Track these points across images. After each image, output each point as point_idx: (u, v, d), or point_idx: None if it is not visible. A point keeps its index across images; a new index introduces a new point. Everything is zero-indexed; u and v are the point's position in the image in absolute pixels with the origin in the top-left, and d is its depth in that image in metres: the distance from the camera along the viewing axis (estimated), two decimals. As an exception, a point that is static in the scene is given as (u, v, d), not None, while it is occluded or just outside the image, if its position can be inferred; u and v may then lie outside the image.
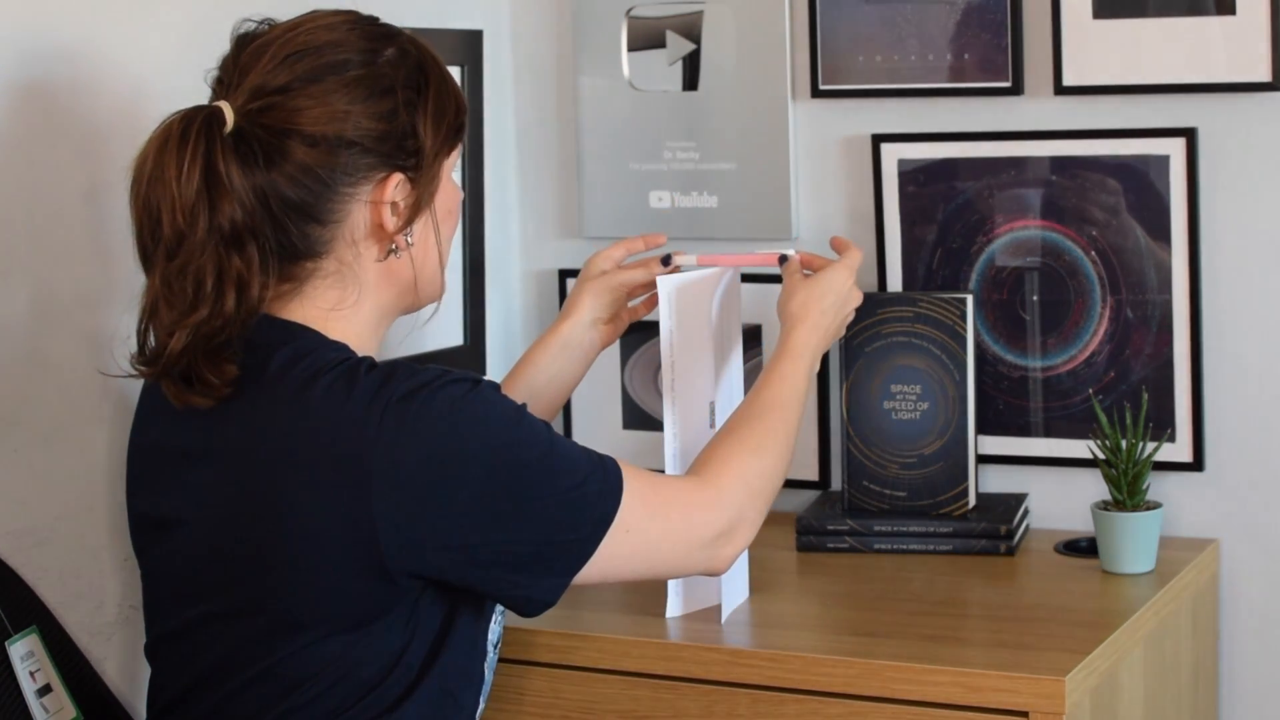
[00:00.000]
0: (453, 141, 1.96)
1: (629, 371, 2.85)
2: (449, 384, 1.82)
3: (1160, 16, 2.50)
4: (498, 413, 1.84)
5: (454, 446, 1.79)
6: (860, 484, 2.59)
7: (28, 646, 2.03)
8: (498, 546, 1.83)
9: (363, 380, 1.81)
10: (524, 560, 1.85)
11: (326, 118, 1.85)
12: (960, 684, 2.07)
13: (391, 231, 1.90)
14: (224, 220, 1.81)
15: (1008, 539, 2.50)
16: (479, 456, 1.80)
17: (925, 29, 2.63)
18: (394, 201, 1.90)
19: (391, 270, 1.93)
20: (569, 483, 1.86)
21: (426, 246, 1.95)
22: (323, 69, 1.86)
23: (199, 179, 1.80)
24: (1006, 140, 2.61)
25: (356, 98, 1.86)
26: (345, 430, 1.79)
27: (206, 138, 1.81)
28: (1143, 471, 2.41)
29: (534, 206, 2.92)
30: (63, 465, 2.13)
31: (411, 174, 1.90)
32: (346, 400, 1.80)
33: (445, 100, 1.94)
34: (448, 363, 2.75)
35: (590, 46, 2.83)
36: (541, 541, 1.85)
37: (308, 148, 1.84)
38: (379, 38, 1.91)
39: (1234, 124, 2.50)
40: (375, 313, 1.94)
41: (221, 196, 1.81)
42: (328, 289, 1.90)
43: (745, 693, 2.17)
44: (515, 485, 1.82)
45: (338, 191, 1.86)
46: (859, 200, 2.71)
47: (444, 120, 1.93)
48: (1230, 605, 2.57)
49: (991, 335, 2.64)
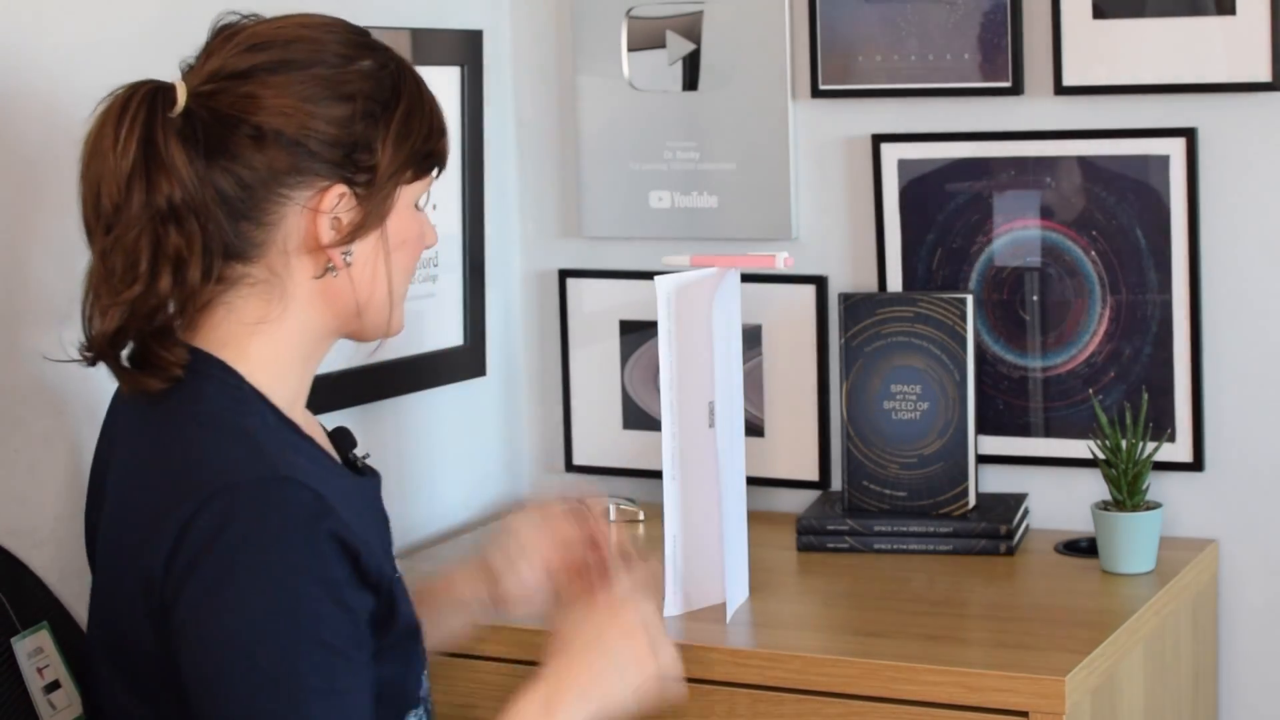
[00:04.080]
0: (419, 168, 1.85)
1: (629, 371, 2.85)
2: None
3: (1160, 16, 2.50)
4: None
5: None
6: (860, 484, 2.59)
7: (36, 643, 2.02)
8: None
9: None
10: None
11: (274, 110, 1.77)
12: (960, 684, 2.07)
13: (325, 245, 1.80)
14: (160, 197, 1.75)
15: (1008, 539, 2.50)
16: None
17: (925, 29, 2.63)
18: (335, 215, 1.80)
19: (329, 290, 1.83)
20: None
21: (372, 273, 1.84)
22: (284, 63, 1.79)
23: (135, 151, 1.75)
24: (1006, 140, 2.61)
25: (311, 97, 1.78)
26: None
27: (148, 110, 1.76)
28: (1143, 471, 2.41)
29: (534, 206, 2.92)
30: (63, 465, 2.13)
31: (360, 190, 1.80)
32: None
33: (415, 123, 1.84)
34: (448, 362, 2.76)
35: (590, 46, 2.83)
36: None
37: (250, 139, 1.77)
38: (357, 46, 1.84)
39: (1234, 124, 2.50)
40: (303, 334, 1.84)
41: (159, 172, 1.75)
42: (253, 298, 1.81)
43: (745, 693, 2.17)
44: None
45: (275, 191, 1.79)
46: (859, 200, 2.71)
47: (408, 143, 1.83)
48: (1230, 605, 2.57)
49: (991, 335, 2.64)
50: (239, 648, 1.68)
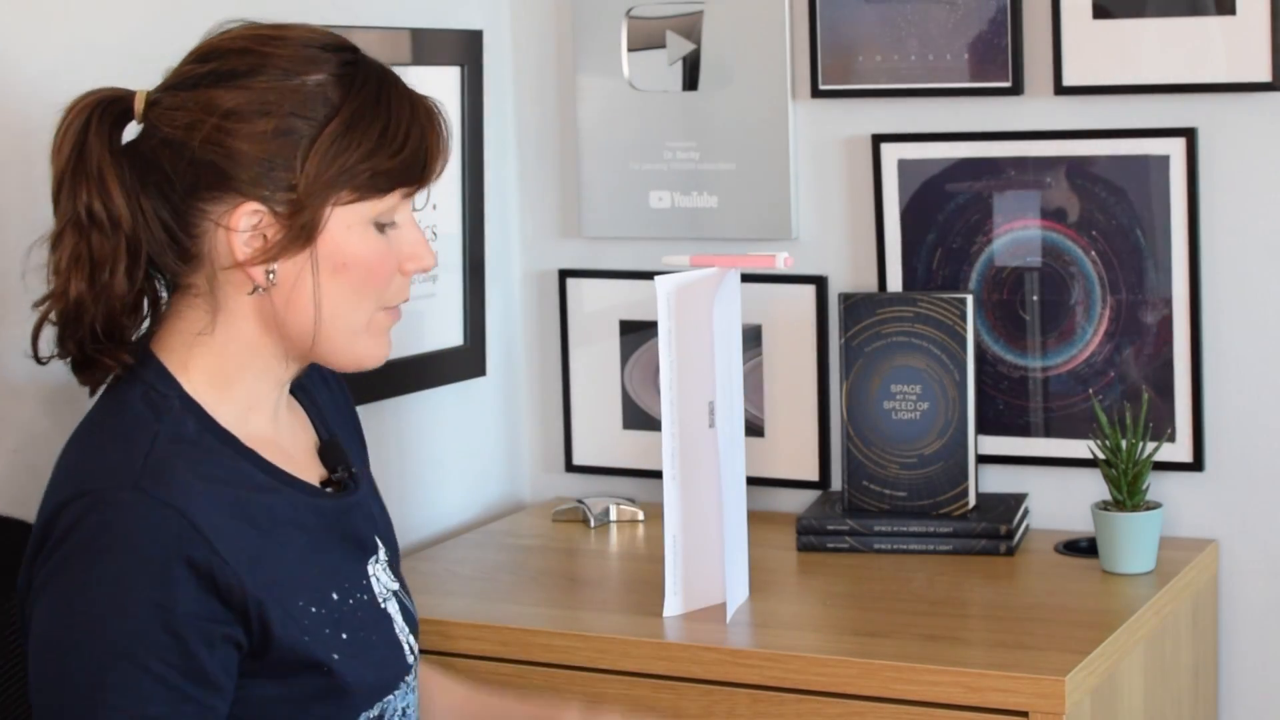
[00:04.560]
0: (363, 188, 1.77)
1: (629, 371, 2.85)
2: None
3: (1160, 16, 2.50)
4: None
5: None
6: (860, 484, 2.59)
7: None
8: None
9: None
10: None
11: (186, 123, 1.76)
12: (960, 684, 2.07)
13: (241, 263, 1.77)
14: (80, 204, 1.77)
15: (1008, 539, 2.50)
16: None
17: (925, 29, 2.63)
18: (254, 233, 1.76)
19: (263, 309, 1.80)
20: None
21: (298, 296, 1.78)
22: (222, 75, 1.77)
23: (68, 156, 1.78)
24: (1006, 140, 2.61)
25: (230, 112, 1.75)
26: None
27: (85, 119, 1.78)
28: (1143, 471, 2.41)
29: (534, 206, 2.92)
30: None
31: (280, 208, 1.75)
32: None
33: (352, 142, 1.76)
34: (448, 362, 2.76)
35: (590, 46, 2.83)
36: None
37: (172, 151, 1.77)
38: (307, 61, 1.78)
39: (1234, 124, 2.50)
40: (243, 348, 1.81)
41: (81, 179, 1.77)
42: (197, 308, 1.81)
43: (745, 693, 2.17)
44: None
45: (195, 206, 1.77)
46: (859, 200, 2.71)
47: (337, 162, 1.76)
48: (1230, 605, 2.57)
49: (991, 335, 2.64)
50: (53, 650, 1.70)
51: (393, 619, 1.91)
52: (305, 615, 1.79)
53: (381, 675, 1.87)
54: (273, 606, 1.75)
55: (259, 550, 1.75)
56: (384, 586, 1.92)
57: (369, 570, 1.91)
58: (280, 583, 1.77)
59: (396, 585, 1.95)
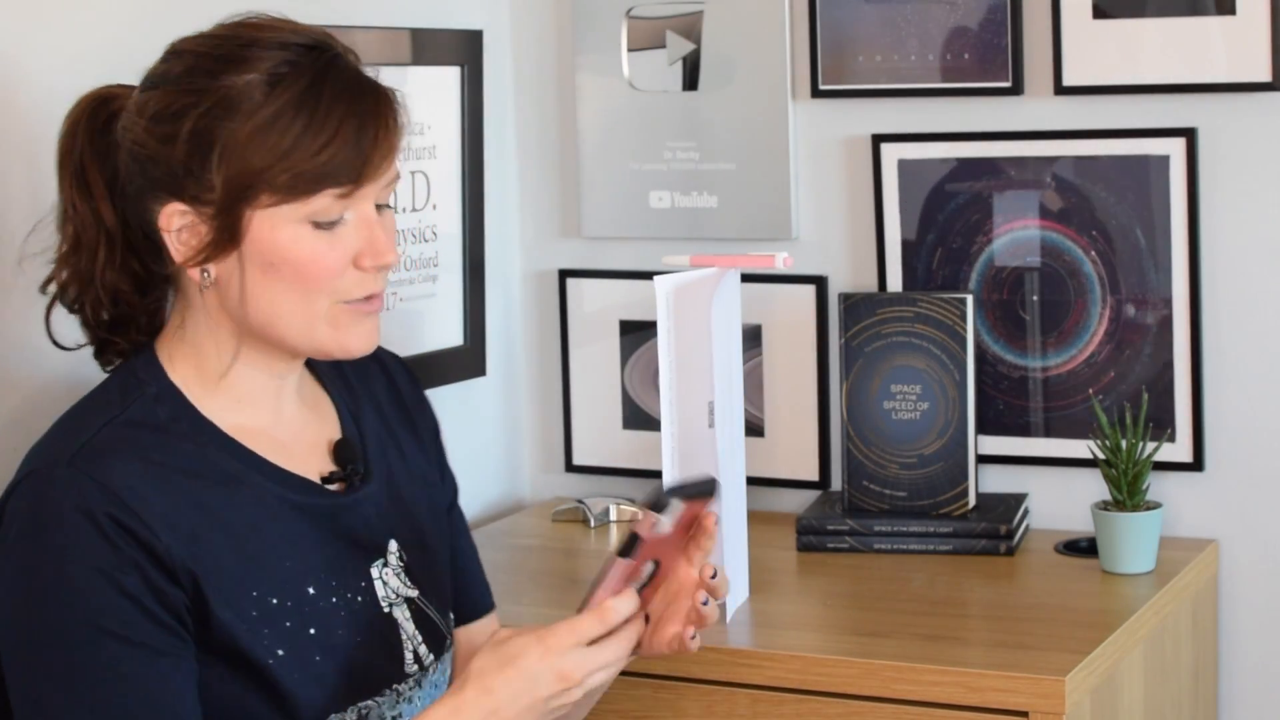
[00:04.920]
0: (276, 191, 1.74)
1: (629, 371, 2.85)
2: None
3: (1160, 16, 2.50)
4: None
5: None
6: (860, 484, 2.59)
7: None
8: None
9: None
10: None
11: (125, 125, 1.79)
12: (960, 684, 2.07)
13: (179, 262, 1.79)
14: (67, 200, 1.84)
15: (1008, 539, 2.50)
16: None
17: (925, 29, 2.63)
18: (184, 232, 1.77)
19: (217, 303, 1.82)
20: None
21: (243, 293, 1.79)
22: (159, 76, 1.79)
23: (60, 151, 1.85)
24: (1006, 140, 2.61)
25: (155, 114, 1.76)
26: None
27: (77, 113, 1.85)
28: (1143, 471, 2.41)
29: (534, 206, 2.92)
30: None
31: (203, 208, 1.76)
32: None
33: (265, 144, 1.73)
34: (448, 362, 2.76)
35: (590, 46, 2.83)
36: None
37: (121, 150, 1.81)
38: (236, 61, 1.76)
39: (1234, 124, 2.50)
40: (214, 341, 1.83)
41: (67, 175, 1.84)
42: (176, 302, 1.86)
43: (745, 693, 2.17)
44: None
45: (144, 204, 1.80)
46: (859, 200, 2.71)
47: (251, 162, 1.73)
48: (1230, 605, 2.57)
49: (991, 335, 2.64)
50: (19, 628, 1.72)
51: (399, 624, 1.90)
52: (256, 605, 1.77)
53: (353, 678, 1.83)
54: (210, 584, 1.74)
55: (201, 531, 1.75)
56: (392, 590, 1.90)
57: (372, 572, 1.89)
58: (226, 569, 1.76)
59: (415, 592, 1.92)
